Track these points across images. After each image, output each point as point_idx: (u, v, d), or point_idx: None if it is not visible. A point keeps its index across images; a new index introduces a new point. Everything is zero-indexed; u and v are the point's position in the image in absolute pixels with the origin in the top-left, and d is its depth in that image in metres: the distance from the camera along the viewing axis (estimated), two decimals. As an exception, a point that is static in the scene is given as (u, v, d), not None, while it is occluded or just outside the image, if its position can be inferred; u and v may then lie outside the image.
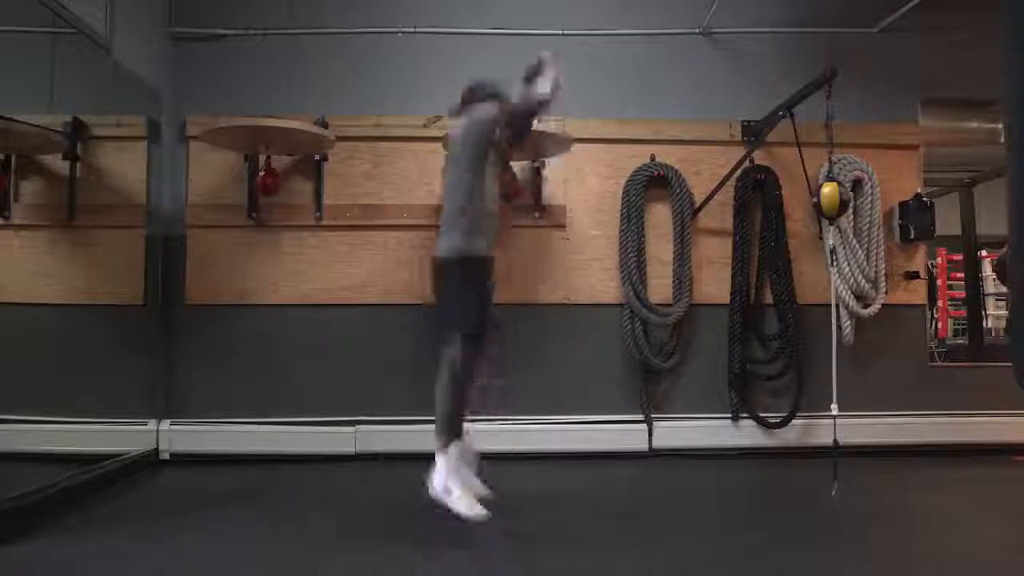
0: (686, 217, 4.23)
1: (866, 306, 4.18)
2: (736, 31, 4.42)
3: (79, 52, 3.41)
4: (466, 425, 2.93)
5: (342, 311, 4.15)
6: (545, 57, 2.88)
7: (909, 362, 4.32)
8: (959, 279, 7.13)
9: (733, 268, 4.26)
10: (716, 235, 4.31)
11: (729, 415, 4.21)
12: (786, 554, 2.45)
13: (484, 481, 2.89)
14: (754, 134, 4.25)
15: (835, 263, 3.92)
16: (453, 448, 2.73)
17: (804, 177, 3.78)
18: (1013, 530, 2.79)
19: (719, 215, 4.29)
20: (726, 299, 4.25)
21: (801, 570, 2.33)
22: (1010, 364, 1.56)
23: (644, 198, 4.25)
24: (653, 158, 4.30)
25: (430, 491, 2.69)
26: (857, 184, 4.27)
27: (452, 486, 2.66)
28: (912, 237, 4.29)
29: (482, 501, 2.73)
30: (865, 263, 4.18)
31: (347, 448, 4.03)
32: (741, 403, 4.21)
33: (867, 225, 4.24)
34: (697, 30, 4.40)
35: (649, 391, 4.21)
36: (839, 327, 4.02)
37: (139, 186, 3.97)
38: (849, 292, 4.14)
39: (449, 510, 2.66)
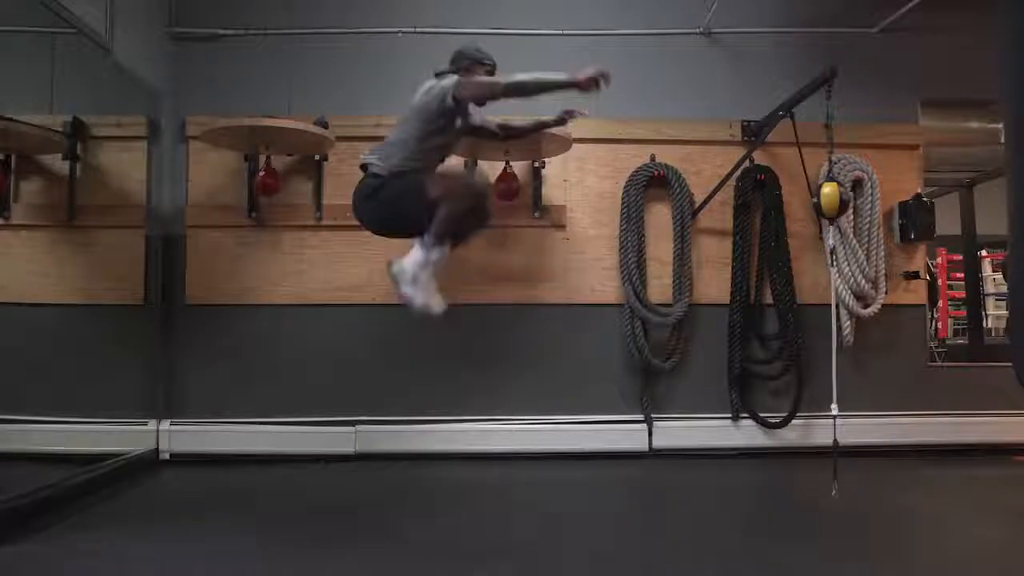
0: (686, 217, 4.23)
1: (866, 306, 4.18)
2: (736, 31, 4.42)
3: (79, 52, 3.41)
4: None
5: (342, 311, 4.15)
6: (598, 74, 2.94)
7: (909, 362, 4.32)
8: (959, 279, 7.12)
9: (733, 268, 4.26)
10: (716, 235, 4.31)
11: (729, 415, 4.21)
12: (786, 554, 2.45)
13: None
14: (754, 134, 4.25)
15: (835, 263, 3.92)
16: (437, 251, 2.78)
17: (804, 177, 3.79)
18: (1013, 530, 2.79)
19: (719, 215, 4.29)
20: (726, 299, 4.25)
21: (801, 570, 2.33)
22: (1010, 364, 1.55)
23: (644, 198, 4.25)
24: (653, 158, 4.30)
25: (393, 267, 2.76)
26: (857, 184, 4.27)
27: (421, 276, 2.73)
28: (912, 237, 4.29)
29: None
30: (865, 263, 4.18)
31: (347, 448, 4.03)
32: (741, 403, 4.21)
33: (867, 225, 4.24)
34: (697, 30, 4.40)
35: (649, 391, 4.21)
36: (839, 327, 4.02)
37: (139, 186, 3.97)
38: (849, 292, 4.14)
39: (404, 294, 2.73)
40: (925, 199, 4.31)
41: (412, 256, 2.80)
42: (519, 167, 4.17)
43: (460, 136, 3.23)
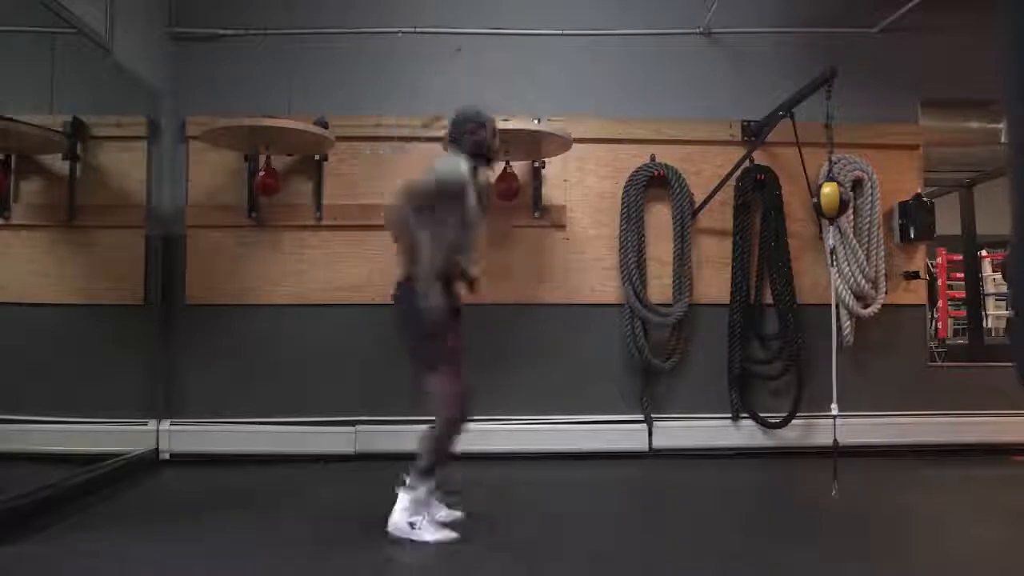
0: (686, 217, 4.23)
1: (866, 306, 4.19)
2: (736, 31, 4.42)
3: (79, 52, 3.41)
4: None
5: (342, 311, 4.15)
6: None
7: (909, 362, 4.33)
8: (959, 279, 7.12)
9: (733, 268, 4.26)
10: (716, 235, 4.31)
11: (729, 415, 4.21)
12: (786, 554, 2.45)
13: (451, 505, 2.80)
14: (754, 134, 4.25)
15: (835, 263, 3.92)
16: (423, 489, 2.62)
17: (804, 177, 3.79)
18: (1012, 530, 2.79)
19: (719, 215, 4.29)
20: (726, 299, 4.25)
21: (801, 570, 2.33)
22: (1010, 364, 1.55)
23: (644, 198, 4.25)
24: (653, 158, 4.30)
25: (390, 528, 2.56)
26: (857, 184, 4.27)
27: (415, 519, 2.56)
28: (912, 237, 4.29)
29: (452, 524, 2.65)
30: (865, 263, 4.18)
31: (347, 448, 4.03)
32: (741, 403, 4.21)
33: (867, 225, 4.24)
34: (697, 30, 4.40)
35: (649, 391, 4.21)
36: (839, 327, 4.02)
37: (139, 186, 3.97)
38: (849, 292, 4.14)
39: (413, 542, 2.53)
40: (925, 199, 4.32)
41: (399, 505, 2.59)
42: (519, 167, 4.17)
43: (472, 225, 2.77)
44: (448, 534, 2.57)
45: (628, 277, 4.16)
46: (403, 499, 2.61)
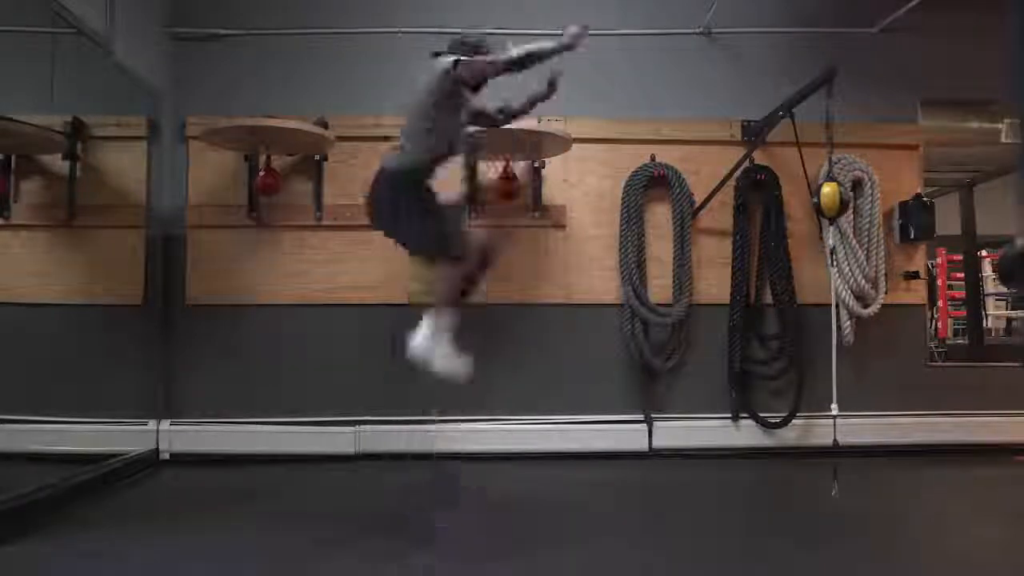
0: (686, 217, 4.24)
1: (866, 306, 4.19)
2: (736, 31, 4.42)
3: (79, 52, 3.41)
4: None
5: (342, 311, 4.15)
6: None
7: (909, 362, 4.32)
8: (959, 279, 7.12)
9: (733, 268, 4.26)
10: (716, 235, 4.31)
11: (729, 415, 4.21)
12: (786, 554, 2.45)
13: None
14: (754, 134, 4.25)
15: (835, 263, 3.92)
16: (446, 316, 2.68)
17: (804, 177, 3.79)
18: (1013, 530, 2.79)
19: (719, 215, 4.29)
20: (726, 299, 4.25)
21: (801, 570, 2.33)
22: (1010, 364, 1.55)
23: (644, 198, 4.25)
24: (653, 158, 4.30)
25: (410, 349, 2.63)
26: (857, 184, 4.28)
27: (437, 344, 2.62)
28: (912, 237, 4.29)
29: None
30: (865, 263, 4.18)
31: (347, 448, 4.03)
32: (741, 403, 4.21)
33: (867, 225, 4.24)
34: (697, 30, 4.40)
35: (649, 391, 4.21)
36: (839, 327, 4.02)
37: (139, 186, 3.97)
38: (849, 292, 4.14)
39: (429, 366, 2.59)
40: (925, 199, 4.32)
41: (422, 330, 2.70)
42: (519, 167, 4.17)
43: (465, 124, 3.09)
44: (459, 370, 2.63)
45: (628, 277, 4.16)
46: (426, 324, 2.68)
